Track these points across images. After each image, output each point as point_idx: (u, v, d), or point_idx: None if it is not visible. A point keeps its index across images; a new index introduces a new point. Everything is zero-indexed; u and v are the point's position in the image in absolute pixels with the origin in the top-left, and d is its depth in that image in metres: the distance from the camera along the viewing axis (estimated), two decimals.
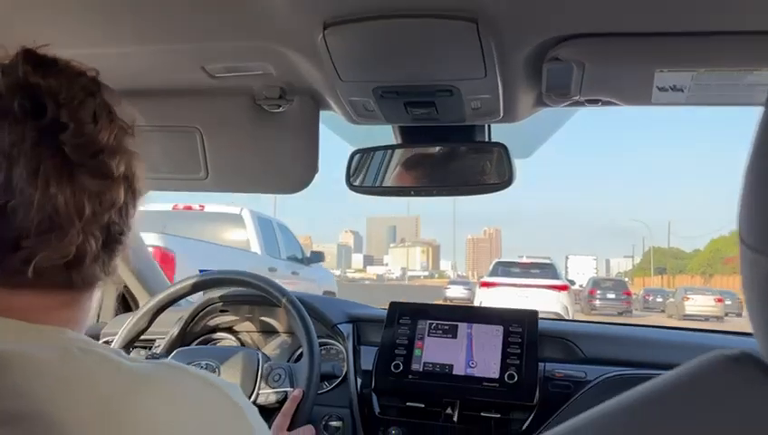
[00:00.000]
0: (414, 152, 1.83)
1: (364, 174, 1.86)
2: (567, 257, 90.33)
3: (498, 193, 1.76)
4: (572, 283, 21.77)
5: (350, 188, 1.84)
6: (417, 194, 1.80)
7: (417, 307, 2.15)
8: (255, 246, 10.60)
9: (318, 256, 13.31)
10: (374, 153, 1.86)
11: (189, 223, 10.32)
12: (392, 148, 1.86)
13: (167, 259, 8.43)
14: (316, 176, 1.77)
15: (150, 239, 8.20)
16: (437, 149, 1.82)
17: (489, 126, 1.83)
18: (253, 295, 2.12)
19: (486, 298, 17.76)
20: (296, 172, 1.72)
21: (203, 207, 11.17)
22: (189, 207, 11.00)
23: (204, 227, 10.23)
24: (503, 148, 1.74)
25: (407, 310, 2.16)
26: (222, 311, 2.26)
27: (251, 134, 1.70)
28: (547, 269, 19.66)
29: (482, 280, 19.50)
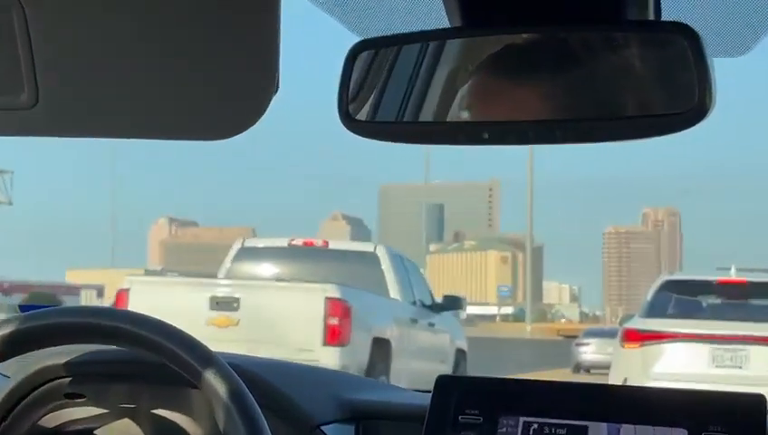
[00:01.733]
0: (493, 46, 1.22)
1: (377, 95, 1.24)
2: None
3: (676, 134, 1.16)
4: None
5: (347, 125, 1.21)
6: (501, 139, 1.21)
7: (495, 387, 1.63)
8: (395, 291, 9.74)
9: (455, 302, 11.77)
10: (401, 50, 1.25)
11: (312, 262, 9.70)
12: (441, 37, 1.25)
13: (345, 312, 8.14)
14: (274, 100, 1.12)
15: (328, 292, 8.07)
16: (544, 37, 1.22)
17: None
18: (136, 363, 1.59)
19: (638, 367, 9.68)
20: (234, 91, 1.14)
21: (326, 242, 10.51)
22: (310, 243, 10.31)
23: (330, 267, 9.51)
24: (689, 35, 1.14)
25: (474, 393, 1.59)
26: (71, 396, 1.71)
27: (129, 12, 1.14)
28: None
29: (626, 327, 10.51)
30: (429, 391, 1.65)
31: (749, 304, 10.04)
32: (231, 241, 11.45)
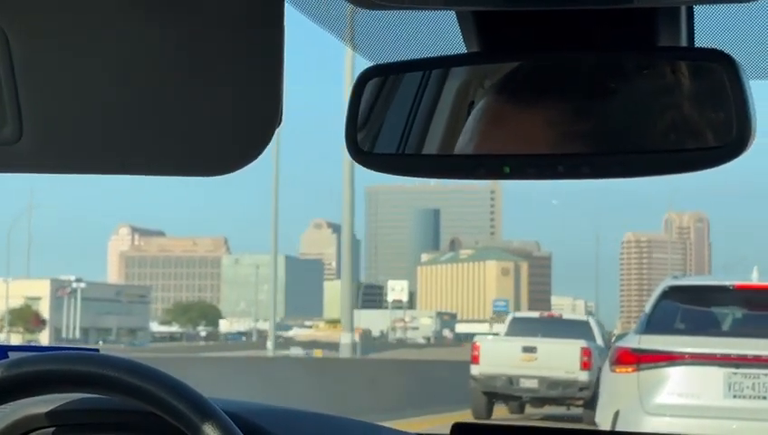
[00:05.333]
0: (515, 73, 1.17)
1: (390, 127, 1.18)
2: None
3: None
4: None
5: (357, 159, 1.16)
6: (524, 174, 1.15)
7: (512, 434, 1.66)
8: (599, 340, 17.45)
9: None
10: (414, 77, 1.19)
11: (551, 327, 17.62)
12: (458, 62, 1.20)
13: (590, 353, 15.75)
14: (277, 132, 1.09)
15: (582, 344, 15.97)
16: (571, 64, 1.16)
17: (691, 13, 1.18)
18: (124, 413, 1.47)
19: (632, 397, 7.63)
20: (236, 124, 1.09)
21: (561, 314, 21.86)
22: (551, 314, 20.57)
23: (562, 328, 17.77)
24: (726, 62, 1.08)
25: None
26: None
27: (122, 42, 1.09)
28: None
29: (618, 346, 8.44)
30: None
31: None
32: (207, 253, 12.33)
